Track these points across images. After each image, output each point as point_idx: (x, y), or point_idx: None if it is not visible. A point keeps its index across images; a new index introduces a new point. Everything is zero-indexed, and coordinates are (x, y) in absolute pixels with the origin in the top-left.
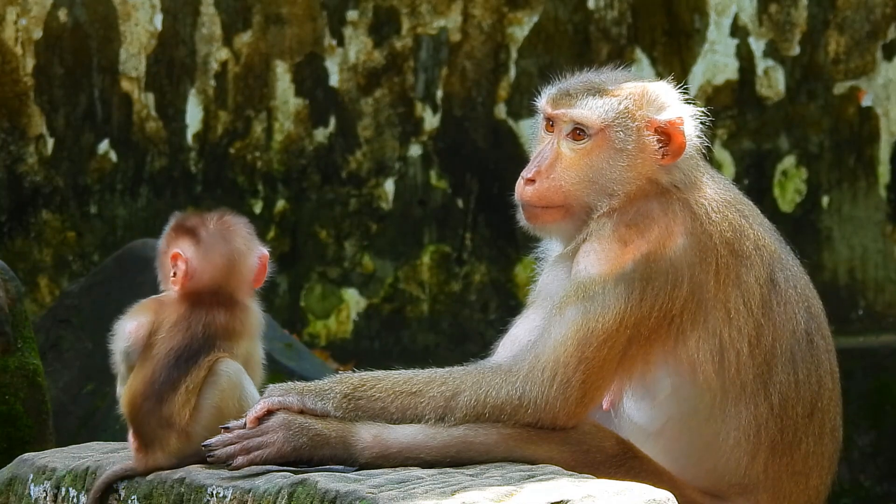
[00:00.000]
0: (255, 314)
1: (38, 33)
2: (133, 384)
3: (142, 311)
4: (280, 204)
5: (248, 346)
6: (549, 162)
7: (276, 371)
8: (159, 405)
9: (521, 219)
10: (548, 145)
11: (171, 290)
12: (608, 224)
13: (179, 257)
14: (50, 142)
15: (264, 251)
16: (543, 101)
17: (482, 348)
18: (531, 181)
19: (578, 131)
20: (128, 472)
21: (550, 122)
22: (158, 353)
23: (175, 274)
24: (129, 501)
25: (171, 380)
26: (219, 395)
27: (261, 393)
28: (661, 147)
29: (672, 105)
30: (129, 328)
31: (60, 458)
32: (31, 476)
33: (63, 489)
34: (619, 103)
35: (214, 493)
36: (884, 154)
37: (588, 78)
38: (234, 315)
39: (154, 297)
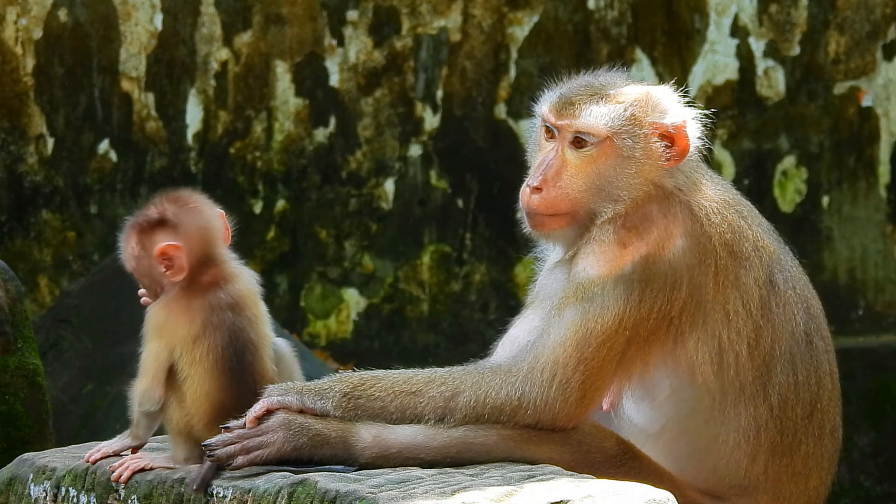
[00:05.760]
0: (247, 272)
1: (38, 33)
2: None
3: (157, 351)
4: (280, 204)
5: (262, 305)
6: (556, 170)
7: None
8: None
9: (526, 227)
10: (552, 152)
11: (169, 287)
12: (609, 228)
13: (169, 249)
14: (50, 142)
15: (219, 209)
16: (545, 109)
17: (482, 348)
18: (537, 189)
19: (583, 139)
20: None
21: (552, 130)
22: (211, 361)
23: (171, 268)
24: (130, 501)
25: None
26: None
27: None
28: (665, 151)
29: (675, 108)
30: (156, 395)
31: (60, 458)
32: (31, 476)
33: (63, 489)
34: (625, 110)
35: (214, 493)
36: (884, 154)
37: (588, 83)
38: (236, 281)
39: (155, 307)
